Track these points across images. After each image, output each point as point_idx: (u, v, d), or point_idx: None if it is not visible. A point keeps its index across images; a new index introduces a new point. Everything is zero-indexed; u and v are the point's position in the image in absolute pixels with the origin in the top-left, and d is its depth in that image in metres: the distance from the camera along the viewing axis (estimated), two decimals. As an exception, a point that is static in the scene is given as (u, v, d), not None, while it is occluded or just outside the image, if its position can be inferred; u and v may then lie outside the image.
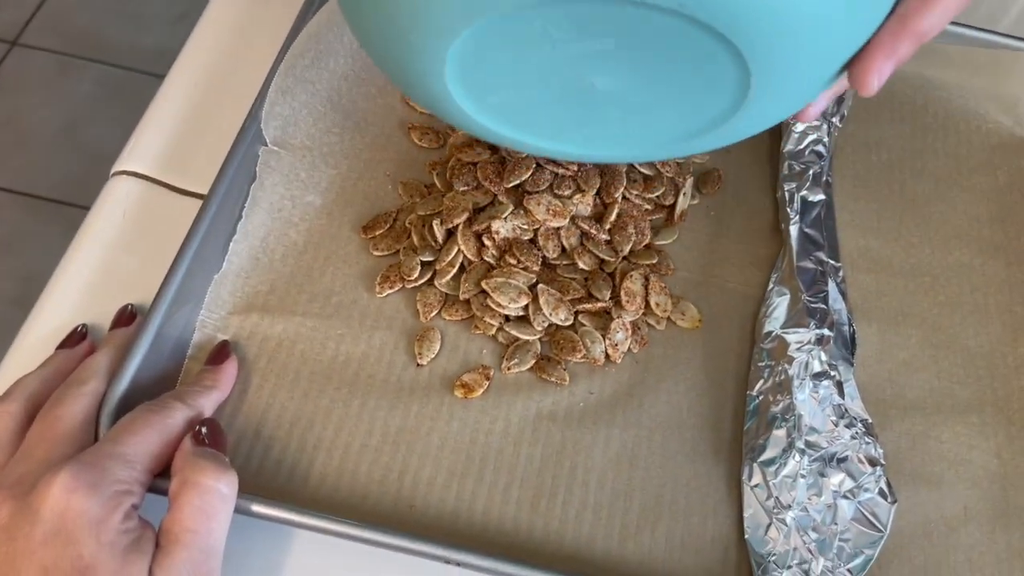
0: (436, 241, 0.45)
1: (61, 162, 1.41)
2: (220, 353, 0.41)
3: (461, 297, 0.44)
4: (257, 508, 0.36)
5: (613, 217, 0.46)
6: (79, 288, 0.43)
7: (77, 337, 0.40)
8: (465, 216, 0.45)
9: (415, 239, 0.46)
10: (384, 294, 0.44)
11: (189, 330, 0.41)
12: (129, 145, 0.48)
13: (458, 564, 0.36)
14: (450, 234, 0.45)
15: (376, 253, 0.46)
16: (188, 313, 0.41)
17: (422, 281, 0.45)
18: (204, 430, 0.35)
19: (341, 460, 0.39)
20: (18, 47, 1.53)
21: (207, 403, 0.38)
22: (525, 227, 0.45)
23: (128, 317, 0.41)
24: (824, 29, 0.30)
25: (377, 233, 0.46)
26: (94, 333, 0.42)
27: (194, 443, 0.35)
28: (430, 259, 0.45)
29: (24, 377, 0.38)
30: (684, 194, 0.49)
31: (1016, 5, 0.61)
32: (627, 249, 0.46)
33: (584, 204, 0.46)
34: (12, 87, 1.48)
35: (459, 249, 0.45)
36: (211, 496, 0.33)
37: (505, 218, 0.45)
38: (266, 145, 0.46)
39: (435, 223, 0.45)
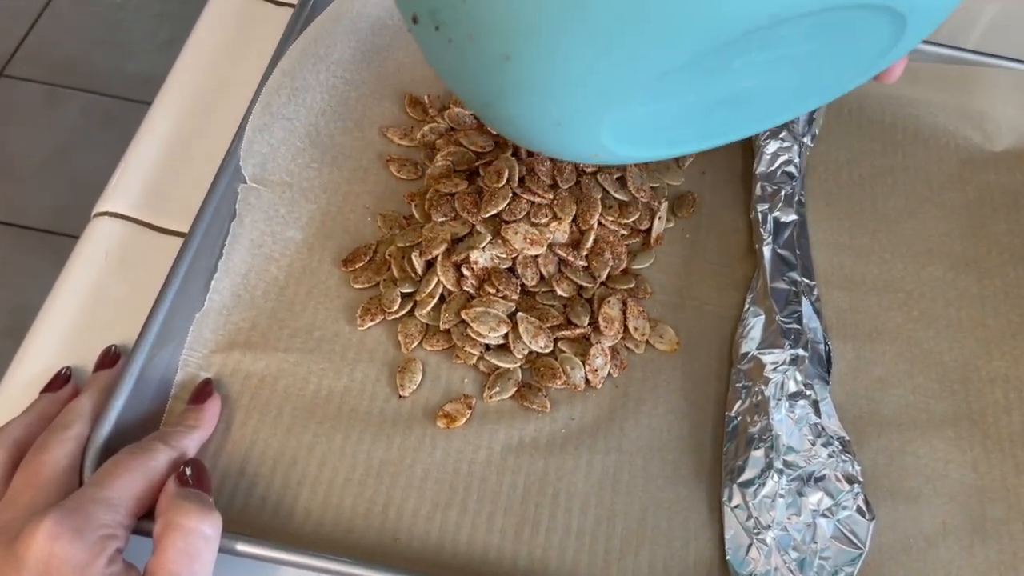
0: (416, 272, 0.46)
1: (49, 192, 1.41)
2: (202, 392, 0.41)
3: (442, 327, 0.45)
4: (242, 547, 0.36)
5: (590, 243, 0.47)
6: (63, 330, 0.44)
7: (61, 380, 0.41)
8: (444, 247, 0.46)
9: (395, 271, 0.46)
10: (365, 327, 0.45)
11: (172, 369, 0.42)
12: (110, 186, 0.48)
13: None
14: (429, 265, 0.46)
15: (357, 286, 0.46)
16: (171, 352, 0.42)
17: (403, 312, 0.45)
18: (188, 471, 0.36)
19: (325, 495, 0.40)
20: (4, 78, 1.54)
21: (190, 443, 0.38)
22: (503, 256, 0.46)
23: (112, 358, 0.42)
24: None
25: (357, 266, 0.47)
26: (79, 375, 0.42)
27: (178, 484, 0.35)
28: (410, 290, 0.46)
29: (8, 423, 0.38)
30: (659, 218, 0.49)
31: (981, 22, 0.62)
32: (604, 275, 0.47)
33: (561, 231, 0.47)
34: None
35: (439, 280, 0.45)
36: (194, 538, 0.33)
37: (483, 248, 0.45)
38: (245, 182, 0.46)
39: (414, 255, 0.46)
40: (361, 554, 0.37)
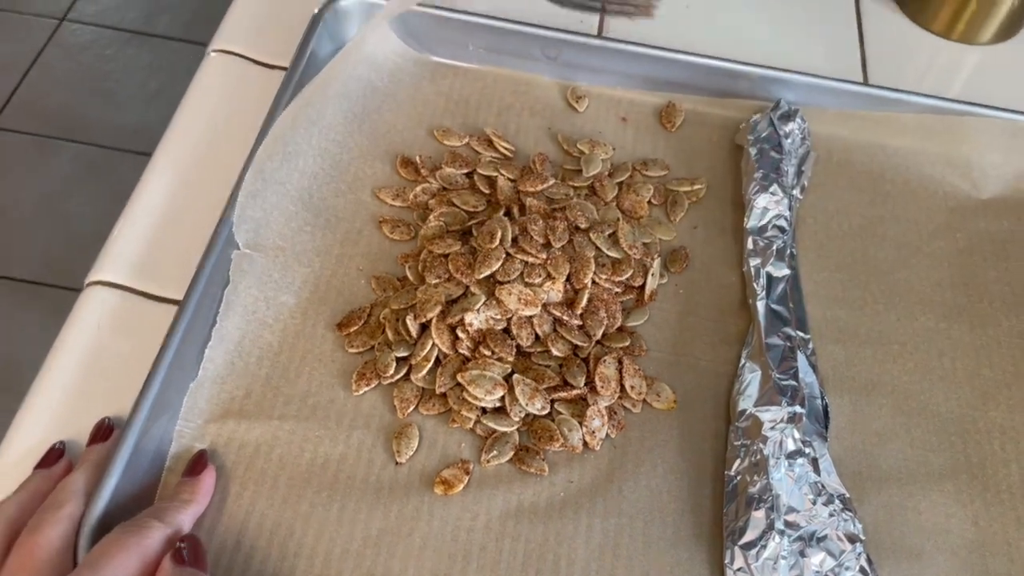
0: (411, 335, 0.46)
1: (40, 243, 1.41)
2: (197, 464, 0.40)
3: (437, 391, 0.45)
4: None
5: (584, 302, 0.47)
6: (58, 401, 0.43)
7: (54, 455, 0.40)
8: (438, 309, 0.46)
9: (389, 334, 0.46)
10: (361, 392, 0.45)
11: (167, 441, 0.41)
12: (102, 254, 0.48)
13: None
14: (424, 328, 0.46)
15: (351, 350, 0.46)
16: (166, 423, 0.41)
17: (398, 377, 0.45)
18: (184, 548, 0.35)
19: (323, 567, 0.39)
20: None
21: (185, 518, 0.38)
22: (498, 317, 0.46)
23: (105, 431, 0.41)
24: None
25: (352, 330, 0.47)
26: (73, 449, 0.41)
27: (174, 563, 0.35)
28: (405, 354, 0.45)
29: (2, 502, 0.37)
30: (652, 275, 0.50)
31: (963, 73, 0.63)
32: (600, 333, 0.47)
33: (555, 291, 0.47)
34: None
35: (434, 343, 0.45)
36: None
37: (478, 310, 0.45)
38: (239, 248, 0.46)
39: (408, 318, 0.46)
40: (360, 629, 0.37)
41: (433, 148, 0.55)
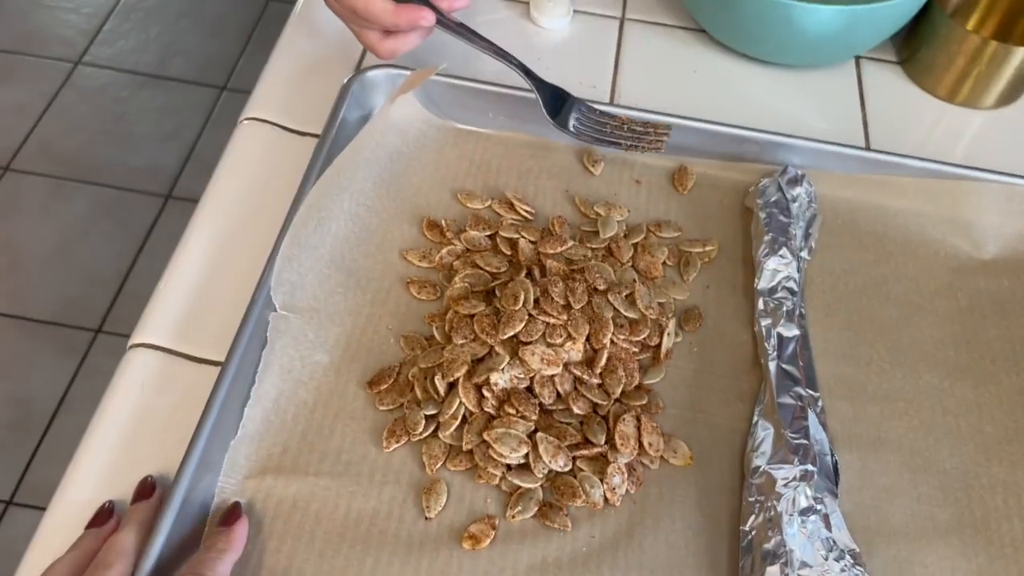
0: (438, 394, 0.48)
1: (56, 284, 1.44)
2: (231, 515, 0.42)
3: (464, 448, 0.47)
4: None
5: (603, 361, 0.49)
6: (103, 463, 0.45)
7: (105, 515, 0.42)
8: (465, 369, 0.48)
9: (418, 392, 0.48)
10: (391, 448, 0.47)
11: (210, 497, 0.43)
12: (143, 317, 0.51)
13: None
14: (451, 386, 0.48)
15: (381, 407, 0.48)
16: (210, 481, 0.44)
17: (427, 434, 0.47)
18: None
19: (359, 620, 0.41)
20: (11, 172, 1.58)
21: (223, 567, 0.40)
22: (521, 376, 0.48)
23: (149, 489, 0.43)
24: None
25: (382, 388, 0.49)
26: (123, 507, 0.43)
27: None
28: (433, 412, 0.48)
29: (55, 563, 0.39)
30: (668, 334, 0.52)
31: (965, 136, 0.66)
32: (618, 391, 0.49)
33: (575, 351, 0.49)
34: (6, 211, 1.53)
35: (460, 401, 0.47)
36: None
37: (503, 369, 0.48)
38: (276, 311, 0.49)
39: (437, 377, 0.48)
40: None
41: (457, 211, 0.57)
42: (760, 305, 0.53)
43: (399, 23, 0.53)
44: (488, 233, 0.56)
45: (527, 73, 0.57)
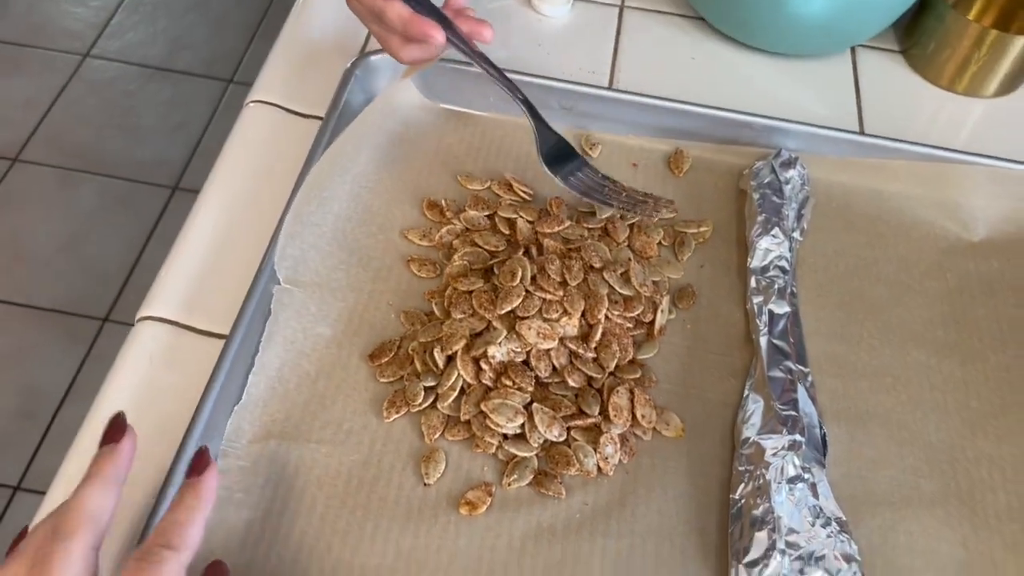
0: (437, 366, 0.49)
1: (64, 274, 1.46)
2: (199, 462, 0.38)
3: (462, 418, 0.48)
4: None
5: (598, 336, 0.51)
6: None
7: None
8: (463, 342, 0.49)
9: (418, 365, 0.50)
10: (391, 419, 0.48)
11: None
12: (151, 292, 0.52)
13: None
14: (450, 360, 0.50)
15: (382, 380, 0.50)
16: (215, 447, 0.45)
17: (425, 405, 0.49)
18: None
19: (359, 580, 0.42)
20: (19, 163, 1.60)
21: (194, 530, 0.36)
22: (518, 350, 0.49)
23: (119, 430, 0.38)
24: None
25: (383, 361, 0.50)
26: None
27: None
28: (432, 384, 0.49)
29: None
30: (662, 311, 0.53)
31: (965, 127, 0.67)
32: (613, 365, 0.50)
33: (571, 326, 0.51)
34: (14, 202, 1.55)
35: (459, 374, 0.49)
36: None
37: (500, 343, 0.49)
38: (279, 284, 0.50)
39: (436, 350, 0.49)
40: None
41: (457, 192, 0.59)
42: (752, 283, 0.54)
43: (410, 32, 0.52)
44: (487, 213, 0.57)
45: (532, 112, 0.56)
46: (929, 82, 0.70)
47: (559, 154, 0.56)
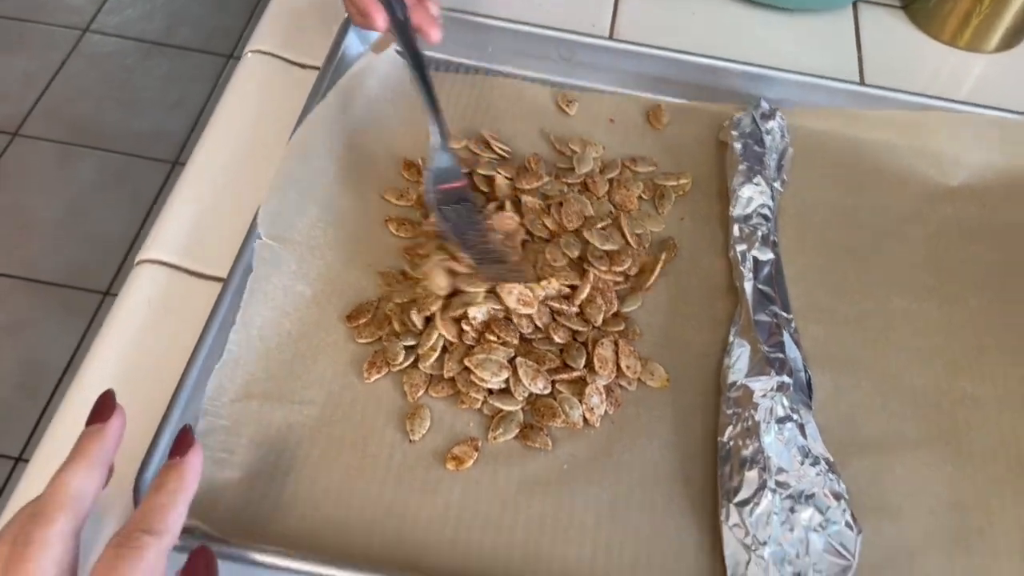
0: (416, 327, 0.48)
1: (64, 247, 1.46)
2: (182, 442, 0.37)
3: (445, 375, 0.47)
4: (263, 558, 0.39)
5: (584, 295, 0.50)
6: (110, 374, 0.46)
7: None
8: (439, 303, 0.48)
9: (396, 325, 0.49)
10: (372, 379, 0.47)
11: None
12: (151, 236, 0.52)
13: None
14: (429, 320, 0.49)
15: (361, 340, 0.49)
16: (196, 407, 0.44)
17: (406, 364, 0.48)
18: (191, 567, 0.34)
19: (346, 536, 0.42)
20: (19, 137, 1.60)
21: (176, 515, 0.34)
22: (499, 307, 0.49)
23: (108, 409, 0.37)
24: None
25: (361, 321, 0.49)
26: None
27: None
28: (412, 343, 0.48)
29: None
30: (659, 266, 0.53)
31: (967, 82, 0.68)
32: (599, 319, 0.50)
33: (552, 288, 0.50)
34: (15, 176, 1.55)
35: (439, 333, 0.48)
36: None
37: (480, 304, 0.48)
38: (260, 239, 0.49)
39: (413, 312, 0.48)
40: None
41: (433, 151, 0.58)
42: (735, 232, 0.54)
43: (357, 5, 0.51)
44: (465, 171, 0.56)
45: (440, 129, 0.52)
46: (931, 37, 0.71)
47: (449, 179, 0.53)
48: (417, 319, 0.48)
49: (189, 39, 1.80)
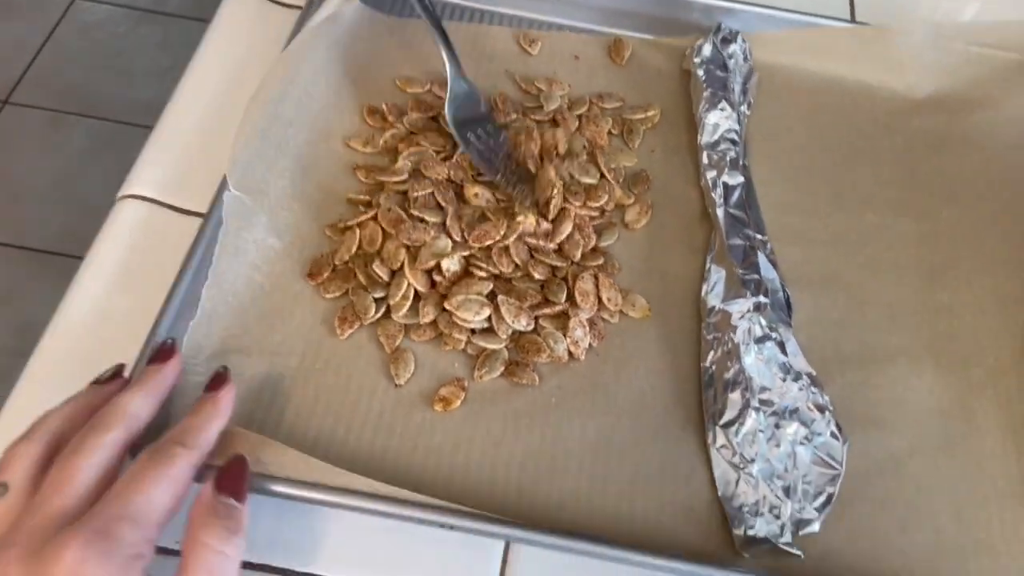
0: (382, 279, 0.48)
1: (55, 215, 1.46)
2: (217, 380, 0.41)
3: (422, 322, 0.47)
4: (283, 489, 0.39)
5: (565, 234, 0.50)
6: (90, 310, 0.46)
7: (113, 375, 0.40)
8: (404, 256, 0.48)
9: (361, 278, 0.48)
10: (346, 335, 0.47)
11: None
12: (133, 171, 0.52)
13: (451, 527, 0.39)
14: (395, 273, 0.48)
15: (328, 296, 0.48)
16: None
17: (379, 315, 0.47)
18: (225, 475, 0.36)
19: (339, 481, 0.41)
20: (10, 105, 1.58)
21: (209, 436, 0.38)
22: (474, 249, 0.48)
23: (166, 353, 0.41)
24: None
25: (324, 277, 0.48)
26: (106, 351, 0.42)
27: (214, 491, 0.35)
28: (382, 295, 0.47)
29: (48, 414, 0.37)
30: (638, 212, 0.53)
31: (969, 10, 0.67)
32: (578, 255, 0.49)
33: (528, 223, 0.49)
34: (5, 144, 1.54)
35: (409, 283, 0.47)
36: (218, 558, 0.34)
37: (450, 254, 0.48)
38: (229, 191, 0.48)
39: (375, 264, 0.48)
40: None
41: (397, 97, 0.57)
42: (704, 159, 0.53)
43: None
44: (431, 115, 0.56)
45: (451, 58, 0.53)
46: None
47: (468, 106, 0.53)
48: (381, 271, 0.47)
49: (179, 7, 1.78)
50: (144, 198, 0.50)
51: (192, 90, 0.57)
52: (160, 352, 0.41)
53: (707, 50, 0.57)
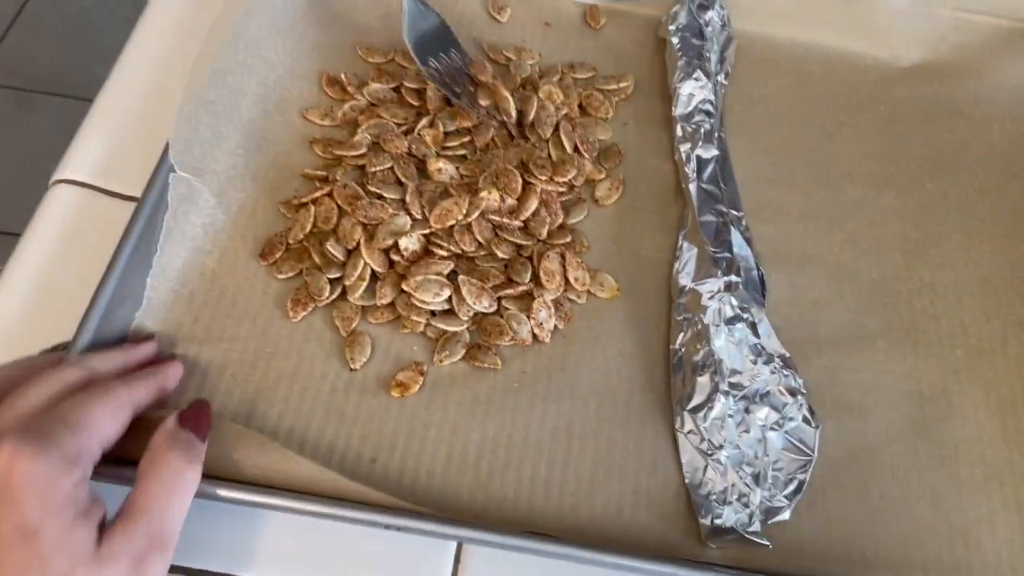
0: (337, 259, 0.46)
1: (23, 196, 1.39)
2: (167, 359, 0.42)
3: (380, 303, 0.45)
4: (224, 492, 0.37)
5: (531, 211, 0.47)
6: (25, 294, 0.45)
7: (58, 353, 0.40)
8: (360, 235, 0.45)
9: (316, 258, 0.46)
10: (299, 318, 0.44)
11: (128, 330, 0.42)
12: (67, 155, 0.50)
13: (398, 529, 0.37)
14: (352, 251, 0.46)
15: (280, 276, 0.46)
16: (126, 313, 0.42)
17: (334, 296, 0.45)
18: (187, 411, 0.37)
19: (292, 472, 0.39)
20: None
21: (149, 388, 0.38)
22: (432, 230, 0.46)
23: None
24: None
25: (277, 256, 0.46)
26: (32, 335, 0.42)
27: (177, 423, 0.36)
28: (337, 275, 0.45)
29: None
30: (610, 189, 0.50)
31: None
32: (544, 232, 0.47)
33: (492, 199, 0.47)
34: None
35: (365, 262, 0.45)
36: (176, 476, 0.34)
37: (408, 232, 0.45)
38: (175, 172, 0.45)
39: (330, 244, 0.45)
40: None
41: (359, 66, 0.54)
42: (678, 132, 0.51)
43: None
44: (393, 85, 0.53)
45: None
46: None
47: (429, 31, 0.53)
48: (336, 250, 0.45)
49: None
50: (77, 183, 0.48)
51: (132, 64, 0.54)
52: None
53: (683, 17, 0.55)
